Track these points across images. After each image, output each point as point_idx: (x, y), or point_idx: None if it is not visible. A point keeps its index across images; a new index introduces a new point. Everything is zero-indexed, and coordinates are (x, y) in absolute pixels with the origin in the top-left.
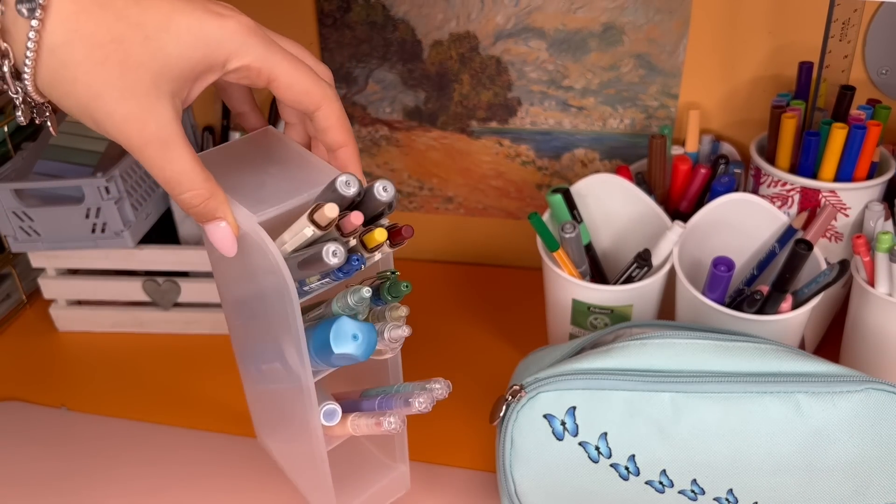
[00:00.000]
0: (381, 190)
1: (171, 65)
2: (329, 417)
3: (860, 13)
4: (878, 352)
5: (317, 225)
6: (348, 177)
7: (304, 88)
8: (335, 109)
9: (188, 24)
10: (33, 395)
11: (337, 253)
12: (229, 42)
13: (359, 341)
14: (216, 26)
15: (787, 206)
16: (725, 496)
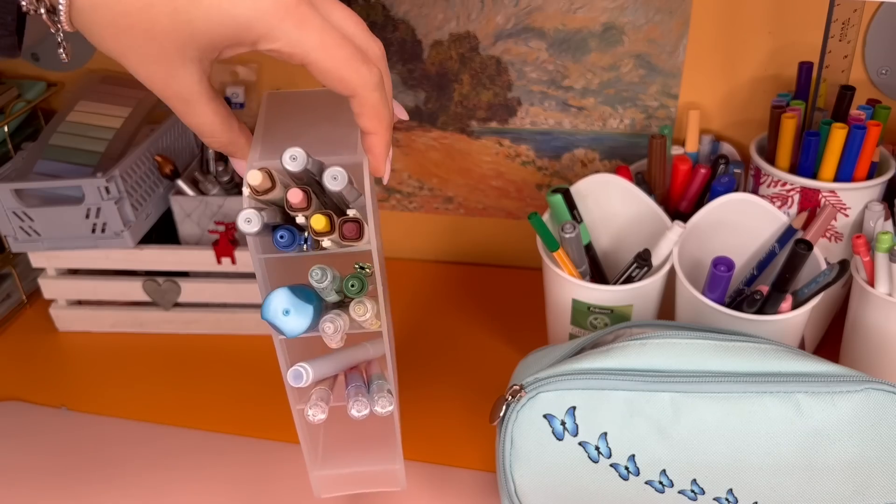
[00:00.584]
0: (330, 178)
1: (197, 37)
2: (295, 378)
3: (860, 13)
4: (877, 352)
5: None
6: (294, 151)
7: (337, 76)
8: (370, 99)
9: (220, 2)
10: (33, 395)
11: (251, 220)
12: (260, 24)
13: (288, 317)
14: (250, 6)
15: (787, 206)
16: (725, 496)
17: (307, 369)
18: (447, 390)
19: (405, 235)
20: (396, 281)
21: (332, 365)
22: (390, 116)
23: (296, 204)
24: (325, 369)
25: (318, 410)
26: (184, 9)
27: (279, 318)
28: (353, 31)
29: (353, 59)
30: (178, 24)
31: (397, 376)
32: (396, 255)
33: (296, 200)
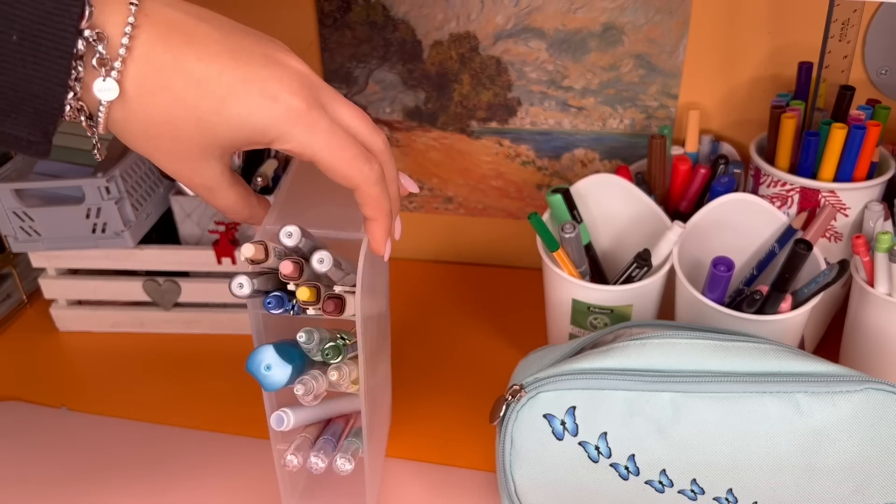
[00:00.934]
0: (316, 261)
1: (219, 141)
2: (277, 423)
3: (860, 13)
4: (877, 352)
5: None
6: (291, 228)
7: (342, 174)
8: (370, 193)
9: (238, 112)
10: (33, 394)
11: (243, 285)
12: (273, 130)
13: (269, 372)
14: (265, 113)
15: (787, 206)
16: (725, 496)
17: (289, 415)
18: (447, 390)
19: (405, 235)
20: (396, 281)
21: (315, 413)
22: (389, 206)
23: (287, 274)
24: (307, 416)
25: (294, 459)
26: (206, 118)
27: (261, 372)
28: (358, 128)
29: (355, 160)
30: (202, 132)
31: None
32: (396, 255)
33: (287, 271)
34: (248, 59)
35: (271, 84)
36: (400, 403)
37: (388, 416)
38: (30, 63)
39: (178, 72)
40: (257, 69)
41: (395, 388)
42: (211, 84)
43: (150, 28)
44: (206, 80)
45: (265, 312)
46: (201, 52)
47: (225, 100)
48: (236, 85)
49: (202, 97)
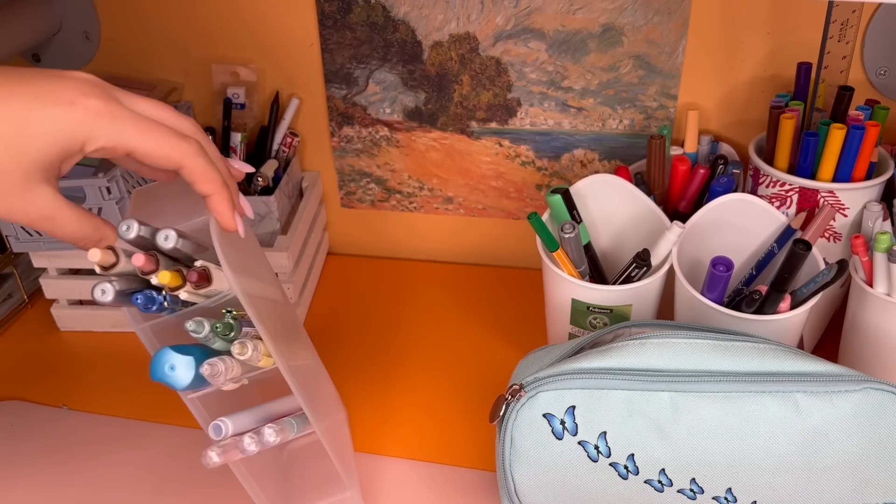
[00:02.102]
0: (162, 239)
1: (35, 161)
2: (216, 432)
3: (858, 14)
4: (876, 351)
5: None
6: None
7: (161, 154)
8: (196, 165)
9: (41, 123)
10: (34, 394)
11: (105, 291)
12: (81, 130)
13: (174, 372)
14: (68, 118)
15: (786, 207)
16: (724, 495)
17: (227, 424)
18: (447, 390)
19: (405, 235)
20: (397, 281)
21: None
22: (220, 177)
23: (141, 266)
24: (245, 422)
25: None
26: (14, 142)
27: (167, 374)
28: (163, 116)
29: (170, 137)
30: (16, 158)
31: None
32: (396, 255)
33: (140, 263)
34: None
35: (64, 92)
36: (400, 403)
37: (339, 408)
38: None
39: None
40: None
41: (395, 387)
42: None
43: None
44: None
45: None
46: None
47: (24, 118)
48: (30, 102)
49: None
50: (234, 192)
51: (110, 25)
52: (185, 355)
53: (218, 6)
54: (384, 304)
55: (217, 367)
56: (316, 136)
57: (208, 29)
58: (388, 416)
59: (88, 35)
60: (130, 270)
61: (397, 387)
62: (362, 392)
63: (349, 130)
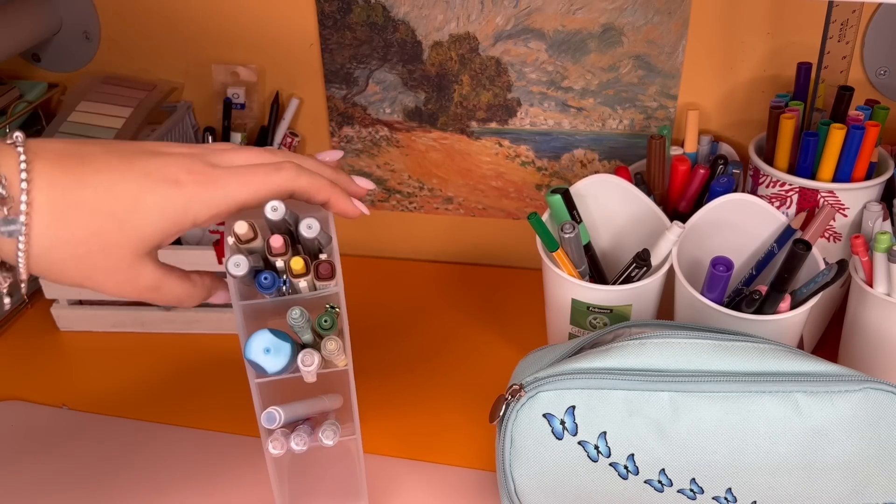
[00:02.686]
0: (305, 227)
1: (146, 238)
2: (269, 421)
3: (858, 14)
4: (876, 351)
5: (236, 237)
6: (276, 203)
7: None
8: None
9: (154, 202)
10: (34, 394)
11: (239, 264)
12: (191, 206)
13: (269, 355)
14: (177, 196)
15: (786, 207)
16: (724, 495)
17: (280, 413)
18: (447, 390)
19: (405, 235)
20: (396, 281)
21: (300, 410)
22: (326, 181)
23: (277, 248)
24: (293, 414)
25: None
26: (127, 219)
27: (261, 356)
28: (252, 157)
29: (268, 175)
30: (127, 234)
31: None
32: (396, 255)
33: (277, 244)
34: (139, 158)
35: (170, 170)
36: (399, 403)
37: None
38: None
39: (85, 188)
40: (152, 163)
41: (395, 387)
42: (119, 188)
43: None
44: (114, 186)
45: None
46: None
47: (137, 196)
48: (142, 181)
49: (116, 201)
50: (341, 181)
51: (110, 25)
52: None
53: (218, 6)
54: (384, 304)
55: (315, 358)
56: (316, 136)
57: (208, 29)
58: (387, 416)
59: (88, 35)
60: (259, 248)
61: (397, 386)
62: (361, 392)
63: (349, 130)
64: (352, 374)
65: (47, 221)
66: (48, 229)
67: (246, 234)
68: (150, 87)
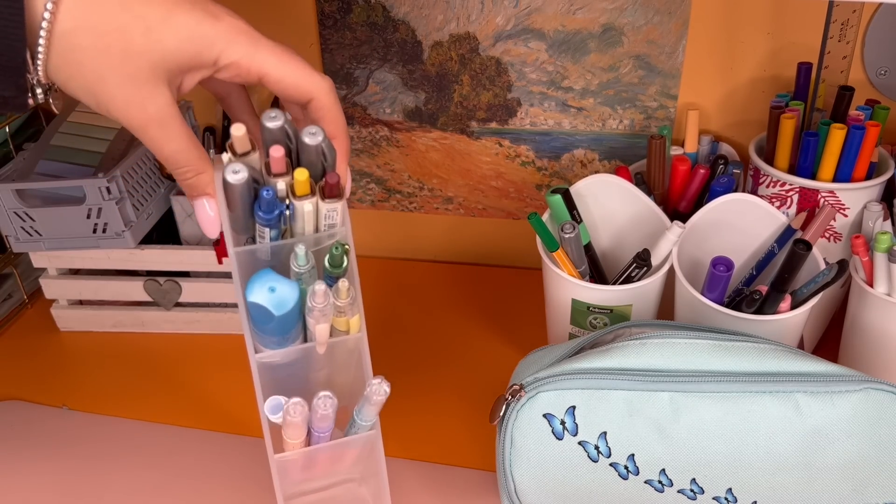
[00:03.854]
0: (308, 134)
1: (168, 56)
2: (273, 410)
3: (859, 14)
4: (876, 351)
5: (232, 151)
6: (275, 111)
7: (293, 81)
8: (326, 102)
9: (185, 21)
10: (34, 394)
11: (238, 171)
12: (220, 40)
13: (274, 293)
14: (210, 25)
15: (786, 207)
16: (724, 495)
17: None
18: (447, 390)
19: (405, 235)
20: (396, 281)
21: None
22: (345, 123)
23: (277, 159)
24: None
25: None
26: (155, 27)
27: (265, 296)
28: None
29: (304, 66)
30: (151, 44)
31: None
32: (396, 255)
33: (278, 155)
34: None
35: (211, 5)
36: (400, 403)
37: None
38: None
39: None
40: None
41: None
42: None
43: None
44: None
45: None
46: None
47: (171, 9)
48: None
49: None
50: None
51: None
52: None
53: None
54: (384, 304)
55: (328, 298)
56: None
57: None
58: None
59: None
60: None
61: (397, 387)
62: None
63: (349, 130)
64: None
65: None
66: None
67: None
68: None
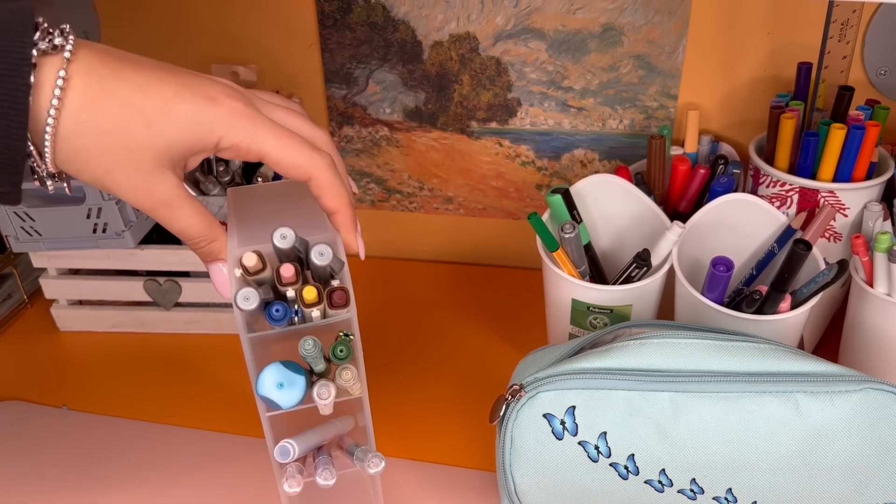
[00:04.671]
0: (316, 254)
1: (170, 146)
2: (283, 455)
3: (859, 14)
4: (876, 351)
5: (244, 269)
6: (284, 230)
7: (292, 163)
8: (325, 179)
9: (185, 111)
10: (34, 394)
11: (249, 298)
12: (220, 126)
13: (282, 390)
14: (209, 112)
15: (786, 207)
16: (724, 495)
17: (293, 445)
18: (447, 390)
19: (405, 235)
20: (396, 281)
21: (313, 439)
22: (348, 194)
23: (287, 278)
24: (307, 444)
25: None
26: (156, 121)
27: (273, 392)
28: (299, 126)
29: (302, 146)
30: (153, 136)
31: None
32: (397, 255)
33: (288, 274)
34: (181, 73)
35: (209, 89)
36: (400, 403)
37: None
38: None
39: (121, 81)
40: (193, 79)
41: (394, 387)
42: (154, 89)
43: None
44: (149, 86)
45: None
46: (137, 67)
47: (170, 101)
48: (178, 89)
49: (148, 100)
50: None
51: (110, 25)
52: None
53: (218, 6)
54: (384, 305)
55: (331, 390)
56: None
57: (208, 29)
58: (387, 416)
59: (88, 35)
60: (268, 279)
61: (397, 387)
62: None
63: (349, 130)
64: (367, 400)
65: (78, 105)
66: (78, 112)
67: (255, 266)
68: None
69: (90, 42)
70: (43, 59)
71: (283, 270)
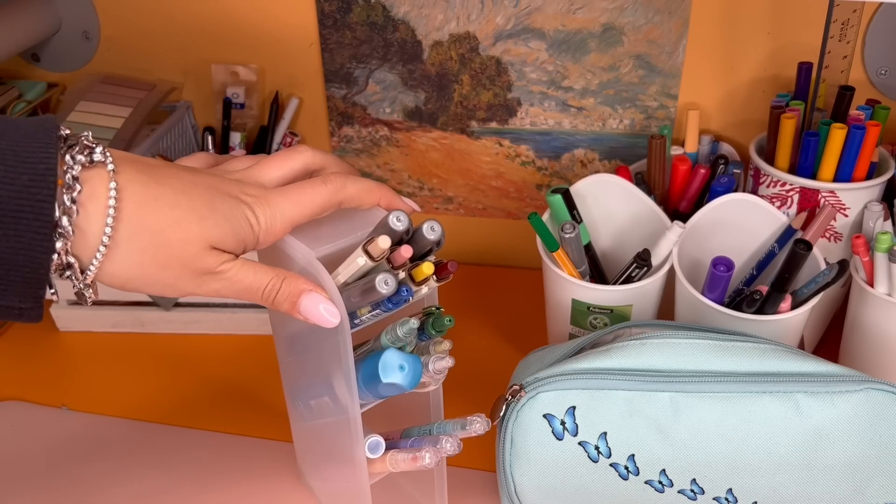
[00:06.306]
0: (428, 230)
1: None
2: (373, 449)
3: (859, 14)
4: (877, 351)
5: (370, 256)
6: (399, 213)
7: (321, 208)
8: (349, 193)
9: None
10: (34, 394)
11: (388, 282)
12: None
13: (405, 371)
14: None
15: (787, 207)
16: (725, 496)
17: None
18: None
19: None
20: None
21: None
22: (370, 181)
23: (404, 258)
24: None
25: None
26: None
27: (397, 375)
28: (290, 168)
29: (315, 191)
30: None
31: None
32: None
33: (408, 255)
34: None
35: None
36: None
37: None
38: (12, 236)
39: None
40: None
41: None
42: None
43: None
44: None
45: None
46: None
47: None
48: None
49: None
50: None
51: (110, 25)
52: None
53: (218, 6)
54: None
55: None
56: (316, 135)
57: (208, 29)
58: None
59: (88, 35)
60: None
61: None
62: None
63: (349, 130)
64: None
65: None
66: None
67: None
68: (150, 87)
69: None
70: (88, 174)
71: (403, 251)
